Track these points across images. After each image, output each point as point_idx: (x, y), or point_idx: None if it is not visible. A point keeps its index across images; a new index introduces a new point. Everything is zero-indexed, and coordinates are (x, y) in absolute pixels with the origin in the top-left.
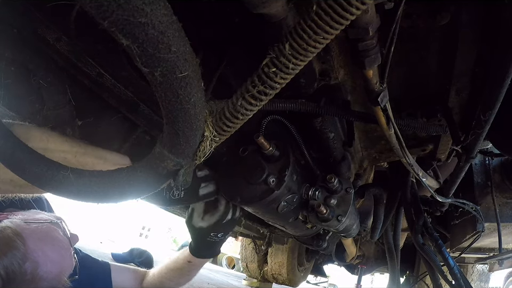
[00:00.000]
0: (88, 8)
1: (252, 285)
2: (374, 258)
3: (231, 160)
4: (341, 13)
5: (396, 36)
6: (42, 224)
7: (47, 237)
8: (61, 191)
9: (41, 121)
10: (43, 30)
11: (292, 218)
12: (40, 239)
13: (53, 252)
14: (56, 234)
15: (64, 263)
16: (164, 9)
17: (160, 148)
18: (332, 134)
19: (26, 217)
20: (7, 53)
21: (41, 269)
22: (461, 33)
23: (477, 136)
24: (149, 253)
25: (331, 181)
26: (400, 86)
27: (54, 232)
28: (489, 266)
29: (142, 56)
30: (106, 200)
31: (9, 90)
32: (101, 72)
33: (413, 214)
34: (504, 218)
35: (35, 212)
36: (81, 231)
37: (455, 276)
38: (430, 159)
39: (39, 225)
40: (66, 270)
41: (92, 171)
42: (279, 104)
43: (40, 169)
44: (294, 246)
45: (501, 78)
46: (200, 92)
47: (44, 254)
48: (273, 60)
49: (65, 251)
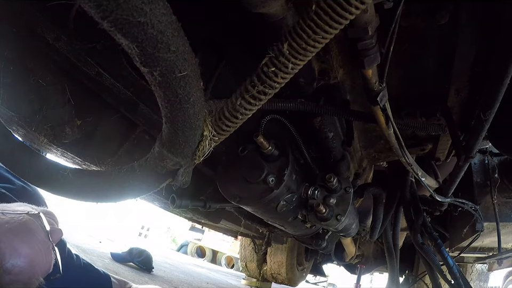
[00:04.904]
0: (87, 7)
1: (251, 285)
2: (373, 258)
3: (230, 160)
4: (340, 12)
5: (395, 35)
6: (19, 215)
7: (19, 228)
8: (60, 191)
9: (40, 120)
10: (42, 29)
11: (291, 218)
12: (11, 230)
13: (23, 244)
14: (32, 227)
15: (36, 257)
16: (163, 8)
17: (159, 148)
18: (331, 133)
19: (6, 208)
20: (6, 52)
21: (8, 260)
22: (460, 32)
23: (476, 135)
24: (148, 252)
25: (330, 181)
26: (399, 85)
27: (30, 224)
28: (488, 266)
29: (141, 56)
30: (106, 199)
31: (8, 89)
32: (100, 72)
33: (412, 213)
34: (504, 217)
35: (19, 204)
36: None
37: (454, 275)
38: (429, 159)
39: (15, 216)
40: (39, 265)
41: (91, 171)
42: (279, 103)
43: (39, 168)
44: (293, 245)
45: (500, 77)
46: (199, 91)
47: (12, 245)
48: (272, 59)
49: (39, 244)
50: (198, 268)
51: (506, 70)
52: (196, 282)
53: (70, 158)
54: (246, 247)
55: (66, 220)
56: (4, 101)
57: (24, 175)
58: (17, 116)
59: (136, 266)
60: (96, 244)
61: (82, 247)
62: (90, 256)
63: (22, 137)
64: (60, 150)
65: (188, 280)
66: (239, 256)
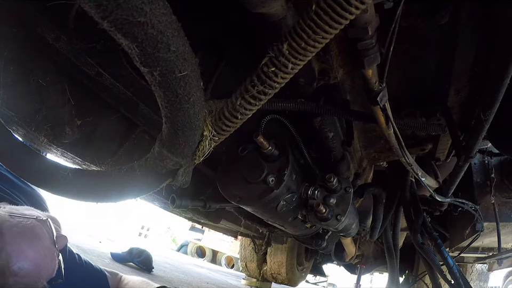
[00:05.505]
0: (88, 7)
1: (251, 285)
2: (373, 258)
3: (230, 160)
4: (340, 12)
5: (395, 35)
6: (28, 219)
7: (27, 232)
8: (60, 191)
9: (40, 120)
10: (42, 29)
11: (291, 218)
12: (19, 233)
13: (30, 248)
14: (39, 232)
15: (42, 262)
16: (163, 8)
17: (159, 148)
18: (331, 133)
19: (14, 211)
20: (6, 53)
21: (15, 263)
22: (460, 32)
23: (476, 135)
24: (148, 252)
25: (330, 180)
26: (399, 85)
27: (37, 229)
28: (488, 266)
29: (141, 56)
30: (106, 199)
31: (9, 89)
32: (100, 72)
33: (412, 213)
34: (504, 217)
35: (26, 208)
36: (81, 231)
37: (454, 275)
38: (429, 159)
39: (23, 220)
40: (44, 270)
41: (91, 171)
42: (279, 103)
43: (39, 168)
44: (293, 245)
45: (500, 77)
46: (199, 91)
47: (19, 248)
48: (272, 59)
49: (45, 250)
50: (198, 267)
51: (506, 70)
52: (195, 282)
53: (70, 158)
54: (246, 247)
55: (66, 220)
56: (4, 101)
57: (24, 175)
58: (17, 116)
59: (136, 266)
60: (96, 244)
61: (82, 247)
62: (90, 256)
63: (22, 137)
64: (60, 150)
65: (187, 280)
66: (239, 256)
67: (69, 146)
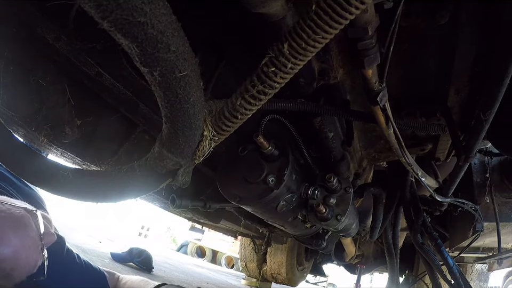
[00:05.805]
0: (87, 7)
1: (251, 285)
2: (373, 258)
3: (230, 160)
4: (340, 12)
5: (395, 35)
6: (17, 208)
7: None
8: (60, 191)
9: (40, 120)
10: (42, 29)
11: (291, 218)
12: (5, 219)
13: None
14: (26, 222)
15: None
16: (163, 8)
17: (159, 148)
18: (331, 133)
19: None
20: (6, 52)
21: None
22: (460, 32)
23: (476, 135)
24: (148, 252)
25: (330, 180)
26: (399, 85)
27: (25, 219)
28: (488, 266)
29: (141, 56)
30: (105, 199)
31: (8, 89)
32: (100, 72)
33: (412, 213)
34: (503, 217)
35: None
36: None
37: (454, 275)
38: (429, 159)
39: (12, 208)
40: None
41: (91, 171)
42: (279, 103)
43: (39, 168)
44: (293, 245)
45: (500, 77)
46: (199, 91)
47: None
48: (272, 59)
49: (29, 240)
50: (198, 267)
51: (506, 70)
52: (195, 282)
53: (70, 158)
54: (246, 247)
55: (66, 220)
56: (4, 101)
57: (24, 175)
58: (17, 116)
59: (136, 266)
60: (96, 244)
61: (82, 247)
62: (90, 256)
63: (22, 137)
64: (60, 150)
65: (187, 280)
66: (239, 256)
67: (69, 146)
